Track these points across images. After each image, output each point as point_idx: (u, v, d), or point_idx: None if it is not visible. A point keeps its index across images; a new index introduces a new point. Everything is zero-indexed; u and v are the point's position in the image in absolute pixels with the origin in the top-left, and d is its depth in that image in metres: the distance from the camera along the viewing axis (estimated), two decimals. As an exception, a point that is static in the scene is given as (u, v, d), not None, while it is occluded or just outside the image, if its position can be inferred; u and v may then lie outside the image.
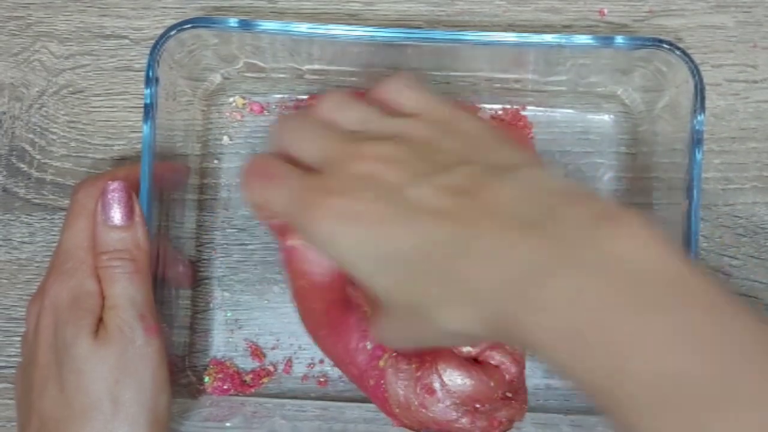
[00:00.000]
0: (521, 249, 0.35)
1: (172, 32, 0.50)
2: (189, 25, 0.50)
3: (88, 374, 0.46)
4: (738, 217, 0.58)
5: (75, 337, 0.46)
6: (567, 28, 0.59)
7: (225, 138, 0.58)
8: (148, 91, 0.49)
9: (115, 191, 0.48)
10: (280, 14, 0.59)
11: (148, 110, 0.49)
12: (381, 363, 0.50)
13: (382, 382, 0.50)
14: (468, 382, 0.49)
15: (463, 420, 0.49)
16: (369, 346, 0.50)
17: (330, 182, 0.40)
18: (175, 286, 0.56)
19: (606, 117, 0.59)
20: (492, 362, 0.49)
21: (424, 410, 0.49)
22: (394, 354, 0.50)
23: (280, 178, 0.42)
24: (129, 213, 0.48)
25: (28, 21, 0.59)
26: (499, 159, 0.40)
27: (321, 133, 0.43)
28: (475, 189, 0.38)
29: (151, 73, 0.49)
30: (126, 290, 0.47)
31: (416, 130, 0.41)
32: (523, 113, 0.58)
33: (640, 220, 0.35)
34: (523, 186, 0.38)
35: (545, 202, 0.37)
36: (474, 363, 0.49)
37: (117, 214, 0.48)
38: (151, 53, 0.50)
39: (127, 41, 0.59)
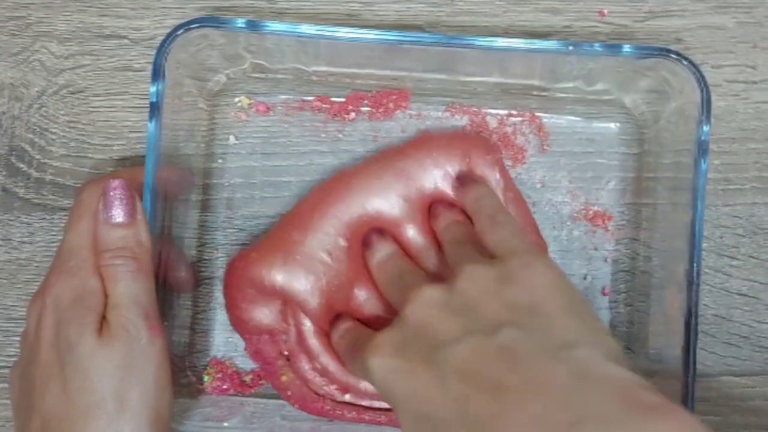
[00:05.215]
0: None
1: (180, 31, 0.50)
2: (196, 25, 0.50)
3: (93, 373, 0.46)
4: (738, 217, 0.59)
5: (79, 336, 0.46)
6: (567, 29, 0.59)
7: (231, 138, 0.58)
8: (155, 89, 0.49)
9: (116, 189, 0.48)
10: (279, 14, 0.59)
11: (154, 109, 0.49)
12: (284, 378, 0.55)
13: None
14: None
15: None
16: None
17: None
18: (177, 291, 0.56)
19: (612, 125, 0.58)
20: None
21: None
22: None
23: None
24: (131, 211, 0.48)
25: (28, 21, 0.59)
26: (557, 332, 0.41)
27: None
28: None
29: (158, 72, 0.49)
30: (129, 289, 0.47)
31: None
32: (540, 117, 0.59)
33: (686, 416, 0.36)
34: (573, 372, 0.39)
35: (593, 397, 0.38)
36: None
37: (119, 212, 0.48)
38: (158, 52, 0.49)
39: (127, 41, 0.59)
